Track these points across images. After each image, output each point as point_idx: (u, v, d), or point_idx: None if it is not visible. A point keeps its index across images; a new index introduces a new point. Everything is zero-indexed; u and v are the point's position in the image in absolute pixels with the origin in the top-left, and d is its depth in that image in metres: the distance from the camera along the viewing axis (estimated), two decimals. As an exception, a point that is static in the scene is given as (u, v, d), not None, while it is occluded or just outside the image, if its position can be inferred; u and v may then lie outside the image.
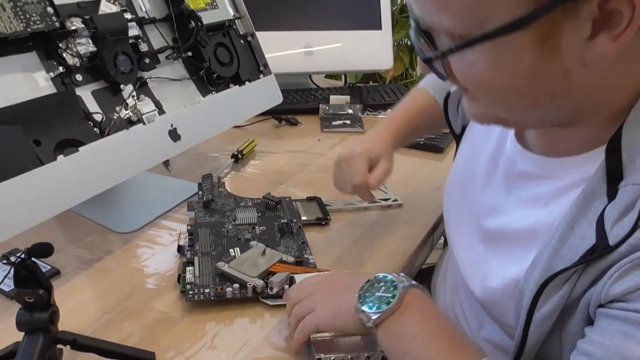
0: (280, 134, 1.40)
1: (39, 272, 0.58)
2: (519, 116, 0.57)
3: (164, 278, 0.84)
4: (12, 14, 0.78)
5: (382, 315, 0.59)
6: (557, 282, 0.54)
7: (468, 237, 0.74)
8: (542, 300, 0.55)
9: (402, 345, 0.59)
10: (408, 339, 0.58)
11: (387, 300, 0.59)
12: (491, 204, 0.70)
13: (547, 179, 0.62)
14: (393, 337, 0.59)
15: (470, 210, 0.74)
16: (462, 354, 0.57)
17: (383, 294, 0.60)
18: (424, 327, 0.59)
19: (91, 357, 0.67)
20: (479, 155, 0.76)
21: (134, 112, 0.92)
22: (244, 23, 1.20)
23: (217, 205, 0.99)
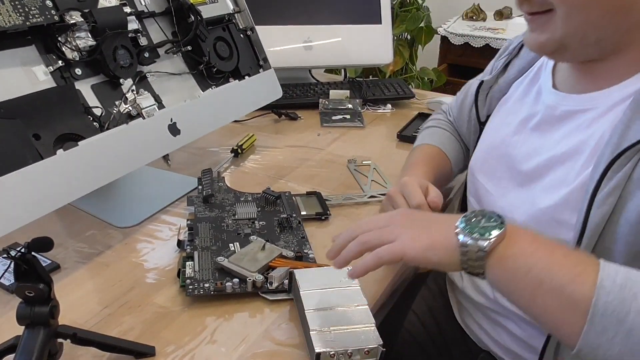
0: (280, 128, 1.40)
1: (39, 267, 0.58)
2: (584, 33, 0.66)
3: (164, 272, 0.84)
4: (11, 8, 0.77)
5: (495, 241, 0.58)
6: (621, 161, 0.62)
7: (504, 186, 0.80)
8: (605, 181, 0.62)
9: (523, 264, 0.57)
10: (527, 257, 0.57)
11: (493, 227, 0.59)
12: (526, 151, 0.77)
13: (589, 110, 0.70)
14: (510, 261, 0.58)
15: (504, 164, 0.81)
16: (584, 254, 0.60)
17: (486, 224, 0.59)
18: (539, 242, 0.59)
19: (91, 351, 0.67)
20: (510, 122, 0.83)
21: (133, 107, 0.92)
22: (243, 17, 1.19)
23: (216, 200, 0.99)
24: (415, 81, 2.78)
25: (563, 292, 0.55)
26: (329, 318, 0.68)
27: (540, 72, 0.83)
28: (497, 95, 0.91)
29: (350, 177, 1.15)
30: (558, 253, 0.58)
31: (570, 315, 0.55)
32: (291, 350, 0.71)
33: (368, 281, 0.82)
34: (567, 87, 0.76)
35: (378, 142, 1.33)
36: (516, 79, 0.88)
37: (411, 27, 2.67)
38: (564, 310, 0.55)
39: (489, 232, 0.58)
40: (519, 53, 0.90)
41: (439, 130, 1.07)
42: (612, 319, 0.52)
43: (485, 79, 0.93)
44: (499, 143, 0.83)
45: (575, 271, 0.55)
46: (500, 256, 0.58)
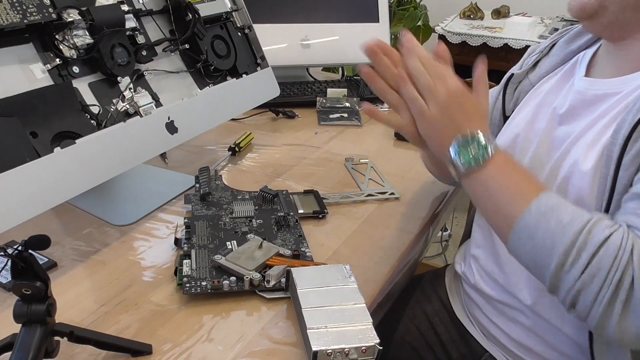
0: (278, 127, 1.40)
1: (36, 265, 0.58)
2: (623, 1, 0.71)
3: (161, 271, 0.84)
4: (9, 5, 0.77)
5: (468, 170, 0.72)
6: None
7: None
8: (631, 143, 0.66)
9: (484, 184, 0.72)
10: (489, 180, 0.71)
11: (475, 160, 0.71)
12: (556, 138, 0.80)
13: (619, 93, 0.74)
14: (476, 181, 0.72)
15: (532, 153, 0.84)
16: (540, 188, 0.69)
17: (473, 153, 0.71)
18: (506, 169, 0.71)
19: (88, 349, 0.67)
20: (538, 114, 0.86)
21: (131, 105, 0.92)
22: (241, 15, 1.19)
23: (214, 198, 0.99)
24: (412, 80, 2.78)
25: (502, 209, 0.70)
26: (326, 316, 0.68)
27: (575, 68, 0.85)
28: (526, 89, 0.92)
29: (347, 176, 1.15)
30: (514, 180, 0.70)
31: (504, 226, 0.70)
32: (288, 349, 0.71)
33: (365, 279, 0.83)
34: (599, 75, 0.79)
35: (375, 140, 1.33)
36: (546, 75, 0.89)
37: (409, 26, 2.67)
38: (502, 222, 0.70)
39: (469, 162, 0.71)
40: (550, 52, 0.91)
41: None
42: (525, 234, 0.67)
43: (516, 72, 0.95)
44: (533, 135, 0.85)
45: (516, 195, 0.69)
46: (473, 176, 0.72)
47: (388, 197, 1.06)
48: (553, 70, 0.89)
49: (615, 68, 0.77)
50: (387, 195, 1.06)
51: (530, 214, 0.66)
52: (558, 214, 0.65)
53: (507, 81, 0.96)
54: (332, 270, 0.77)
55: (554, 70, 0.89)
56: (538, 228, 0.65)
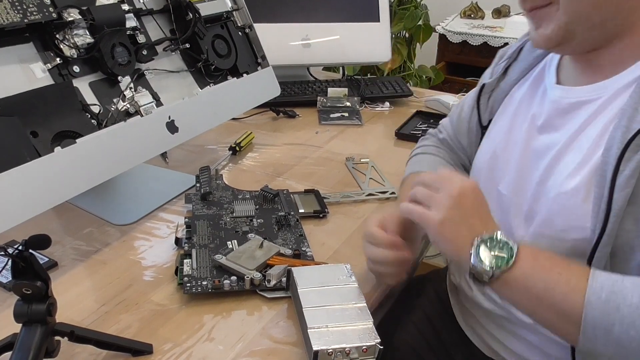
0: (278, 126, 1.40)
1: (37, 264, 0.58)
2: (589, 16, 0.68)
3: (162, 270, 0.84)
4: (9, 5, 0.77)
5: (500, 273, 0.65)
6: (637, 141, 0.63)
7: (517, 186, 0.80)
8: (624, 163, 0.64)
9: (523, 285, 0.65)
10: (527, 278, 0.65)
11: (502, 261, 0.65)
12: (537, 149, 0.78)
13: (595, 100, 0.71)
14: (511, 283, 0.66)
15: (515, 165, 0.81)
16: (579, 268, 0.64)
17: (499, 253, 0.66)
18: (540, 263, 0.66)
19: (88, 349, 0.67)
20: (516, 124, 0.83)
21: (131, 104, 0.92)
22: (241, 15, 1.19)
23: (214, 198, 0.99)
24: (413, 79, 2.78)
25: (558, 308, 0.63)
26: (327, 316, 0.68)
27: (544, 73, 0.83)
28: (499, 97, 0.90)
29: (348, 175, 1.15)
30: (555, 271, 0.64)
31: (566, 326, 0.63)
32: (289, 348, 0.71)
33: (366, 279, 0.82)
34: (571, 81, 0.77)
35: (376, 140, 1.33)
36: (517, 81, 0.88)
37: (409, 25, 2.67)
38: (561, 322, 0.64)
39: (497, 264, 0.65)
40: (518, 56, 0.90)
41: (427, 156, 1.02)
42: (600, 330, 0.60)
43: (487, 82, 0.93)
44: (513, 146, 0.83)
45: (568, 289, 0.63)
46: (504, 279, 0.66)
47: (389, 197, 1.06)
48: (523, 75, 0.87)
49: (586, 75, 0.74)
50: (388, 194, 1.06)
51: (593, 307, 0.60)
52: (624, 296, 0.60)
53: (480, 92, 0.93)
54: (333, 270, 0.77)
55: (524, 75, 0.87)
56: (612, 320, 0.59)
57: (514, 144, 0.83)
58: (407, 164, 1.04)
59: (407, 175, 1.00)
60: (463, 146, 1.01)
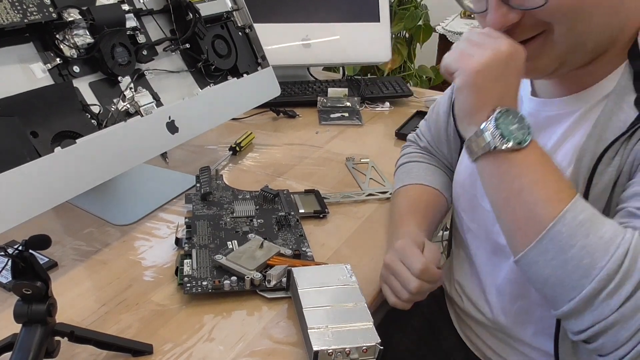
0: (278, 126, 1.40)
1: (37, 264, 0.58)
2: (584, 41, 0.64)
3: (162, 270, 0.84)
4: (9, 5, 0.77)
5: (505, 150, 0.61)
6: (609, 154, 0.62)
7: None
8: (597, 176, 0.63)
9: (516, 171, 0.62)
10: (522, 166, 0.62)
11: (515, 139, 0.61)
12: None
13: (573, 112, 0.69)
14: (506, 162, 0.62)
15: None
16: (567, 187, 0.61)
17: (514, 130, 0.62)
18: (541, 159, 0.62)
19: (89, 349, 0.67)
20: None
21: (131, 104, 0.92)
22: (241, 15, 1.19)
23: (215, 198, 0.99)
24: (413, 79, 2.78)
25: (532, 208, 0.60)
26: (327, 316, 0.68)
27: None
28: None
29: (348, 175, 1.15)
30: (551, 175, 0.61)
31: (528, 229, 0.60)
32: (289, 349, 0.71)
33: (366, 279, 0.82)
34: (547, 93, 0.74)
35: (376, 140, 1.33)
36: None
37: (409, 26, 2.67)
38: (525, 223, 0.60)
39: (511, 137, 0.61)
40: None
41: (414, 164, 1.00)
42: (556, 246, 0.57)
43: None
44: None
45: (552, 195, 0.60)
46: (501, 157, 0.62)
47: (389, 197, 1.06)
48: None
49: (561, 86, 0.72)
50: (388, 194, 1.06)
51: (565, 222, 0.57)
52: (598, 227, 0.57)
53: (453, 104, 0.90)
54: (333, 270, 0.77)
55: None
56: (574, 241, 0.56)
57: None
58: (395, 175, 1.02)
59: (399, 189, 0.96)
60: (444, 154, 0.98)
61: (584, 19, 0.62)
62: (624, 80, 0.64)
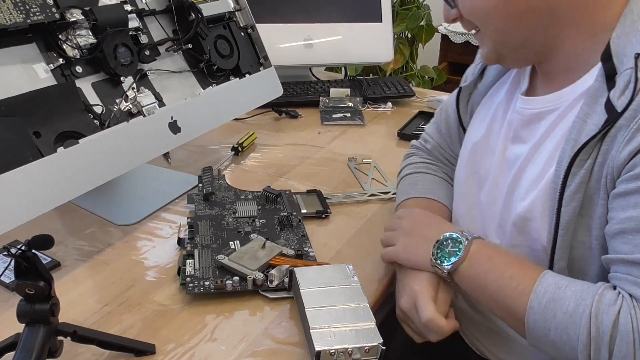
0: (281, 126, 1.40)
1: (40, 264, 0.58)
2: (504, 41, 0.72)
3: (164, 270, 0.84)
4: (12, 5, 0.77)
5: (453, 265, 0.72)
6: (582, 156, 0.64)
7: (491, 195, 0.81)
8: (570, 177, 0.65)
9: (479, 283, 0.71)
10: (482, 277, 0.70)
11: (454, 254, 0.72)
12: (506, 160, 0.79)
13: (554, 110, 0.72)
14: (469, 279, 0.72)
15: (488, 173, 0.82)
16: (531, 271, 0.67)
17: (452, 249, 0.73)
18: (494, 263, 0.70)
19: (91, 349, 0.67)
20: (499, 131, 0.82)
21: (134, 104, 0.92)
22: (244, 15, 1.19)
23: (217, 198, 0.99)
24: (415, 79, 2.78)
25: (508, 308, 0.68)
26: (329, 316, 0.68)
27: (519, 78, 0.82)
28: (477, 100, 0.89)
29: (350, 175, 1.15)
30: (507, 274, 0.68)
31: (517, 324, 0.67)
32: (291, 349, 0.71)
33: (368, 279, 0.82)
34: (538, 90, 0.77)
35: (378, 140, 1.33)
36: (495, 81, 0.87)
37: (412, 26, 2.66)
38: (512, 321, 0.68)
39: (449, 258, 0.72)
40: None
41: (419, 176, 0.97)
42: (539, 333, 0.64)
43: (463, 85, 0.91)
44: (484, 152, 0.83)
45: (518, 290, 0.66)
46: (462, 275, 0.72)
47: (391, 197, 1.06)
48: (500, 77, 0.86)
49: (544, 84, 0.75)
50: (390, 195, 1.06)
51: (534, 311, 0.64)
52: (561, 304, 0.62)
53: (458, 98, 0.92)
54: (335, 270, 0.77)
55: (501, 77, 0.86)
56: (548, 325, 0.63)
57: (491, 152, 0.82)
58: (399, 186, 0.99)
59: (404, 201, 0.94)
60: (456, 154, 0.96)
61: (493, 23, 0.71)
62: (597, 81, 0.66)
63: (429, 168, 0.98)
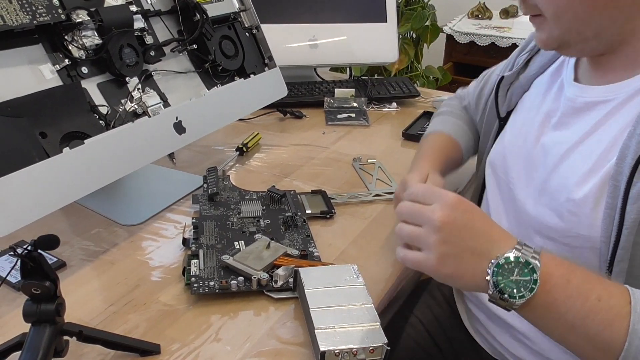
0: (285, 127, 1.40)
1: (45, 264, 0.58)
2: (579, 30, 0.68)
3: (169, 271, 0.84)
4: (19, 6, 0.78)
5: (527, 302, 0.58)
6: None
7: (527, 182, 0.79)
8: (637, 175, 0.61)
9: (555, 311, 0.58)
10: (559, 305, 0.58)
11: (526, 286, 0.58)
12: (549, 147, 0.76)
13: (609, 101, 0.70)
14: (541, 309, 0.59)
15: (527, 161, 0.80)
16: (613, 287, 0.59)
17: (519, 277, 0.58)
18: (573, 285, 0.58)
19: (97, 349, 0.68)
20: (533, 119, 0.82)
21: (139, 105, 0.92)
22: (249, 15, 1.19)
23: (221, 198, 0.99)
24: (420, 80, 2.78)
25: (596, 338, 0.57)
26: (334, 316, 0.68)
27: (562, 67, 0.82)
28: (517, 91, 0.90)
29: (355, 176, 1.15)
30: (592, 297, 0.58)
31: (601, 355, 0.58)
32: (296, 349, 0.71)
33: (373, 280, 0.82)
34: (587, 80, 0.76)
35: (383, 140, 1.33)
36: (537, 75, 0.88)
37: (416, 26, 2.67)
38: (597, 353, 0.58)
39: (520, 291, 0.58)
40: (540, 50, 0.89)
41: (451, 118, 1.08)
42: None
43: (506, 75, 0.92)
44: (523, 141, 0.83)
45: (609, 317, 0.57)
46: (533, 305, 0.59)
47: (396, 197, 1.06)
48: (544, 70, 0.87)
49: (599, 75, 0.74)
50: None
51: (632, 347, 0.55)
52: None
53: (498, 85, 0.93)
54: (340, 271, 0.77)
55: (545, 70, 0.87)
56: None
57: (524, 139, 0.82)
58: (432, 119, 1.11)
59: (431, 132, 1.05)
60: (475, 120, 1.06)
61: (567, 11, 0.67)
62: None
63: (461, 116, 1.09)
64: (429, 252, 0.61)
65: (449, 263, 0.60)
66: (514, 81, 0.91)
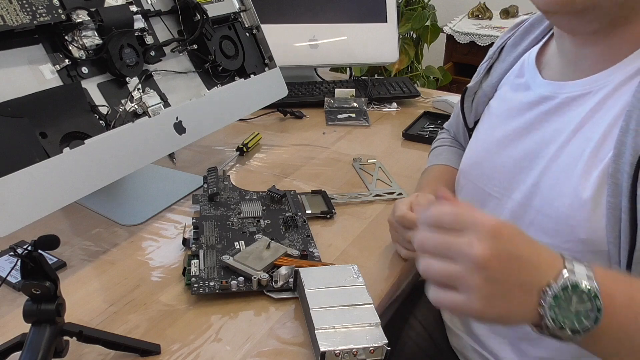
0: (285, 127, 1.40)
1: (46, 264, 0.58)
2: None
3: (169, 271, 0.84)
4: (19, 7, 0.78)
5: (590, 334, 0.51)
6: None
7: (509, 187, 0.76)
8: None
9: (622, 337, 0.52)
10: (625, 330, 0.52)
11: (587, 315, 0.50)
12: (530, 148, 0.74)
13: (594, 92, 0.67)
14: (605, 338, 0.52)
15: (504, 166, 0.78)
16: None
17: (580, 307, 0.50)
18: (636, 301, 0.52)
19: (97, 349, 0.68)
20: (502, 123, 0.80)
21: (139, 105, 0.92)
22: (249, 16, 1.19)
23: (222, 198, 0.99)
24: (420, 80, 2.78)
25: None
26: (334, 317, 0.68)
27: (522, 70, 0.81)
28: (482, 100, 0.89)
29: (355, 176, 1.15)
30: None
31: None
32: (296, 349, 0.71)
33: (373, 280, 0.82)
34: (559, 77, 0.73)
35: (383, 140, 1.33)
36: (500, 81, 0.86)
37: (417, 26, 2.66)
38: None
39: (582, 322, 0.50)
40: (499, 56, 0.88)
41: (444, 148, 1.07)
42: None
43: (469, 85, 0.92)
44: (490, 146, 0.81)
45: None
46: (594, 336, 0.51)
47: (396, 197, 1.06)
48: (504, 75, 0.85)
49: (574, 69, 0.71)
50: (395, 195, 1.06)
51: None
52: None
53: (463, 96, 0.93)
54: (340, 271, 0.77)
55: (505, 75, 0.85)
56: None
57: (501, 146, 0.79)
58: (428, 157, 1.11)
59: (427, 167, 1.06)
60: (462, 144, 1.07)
61: None
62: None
63: (453, 142, 1.09)
64: (471, 293, 0.49)
65: (497, 304, 0.50)
66: (477, 90, 0.90)
